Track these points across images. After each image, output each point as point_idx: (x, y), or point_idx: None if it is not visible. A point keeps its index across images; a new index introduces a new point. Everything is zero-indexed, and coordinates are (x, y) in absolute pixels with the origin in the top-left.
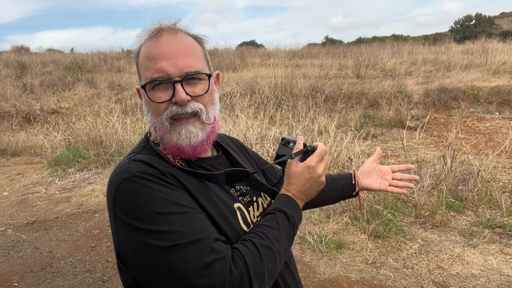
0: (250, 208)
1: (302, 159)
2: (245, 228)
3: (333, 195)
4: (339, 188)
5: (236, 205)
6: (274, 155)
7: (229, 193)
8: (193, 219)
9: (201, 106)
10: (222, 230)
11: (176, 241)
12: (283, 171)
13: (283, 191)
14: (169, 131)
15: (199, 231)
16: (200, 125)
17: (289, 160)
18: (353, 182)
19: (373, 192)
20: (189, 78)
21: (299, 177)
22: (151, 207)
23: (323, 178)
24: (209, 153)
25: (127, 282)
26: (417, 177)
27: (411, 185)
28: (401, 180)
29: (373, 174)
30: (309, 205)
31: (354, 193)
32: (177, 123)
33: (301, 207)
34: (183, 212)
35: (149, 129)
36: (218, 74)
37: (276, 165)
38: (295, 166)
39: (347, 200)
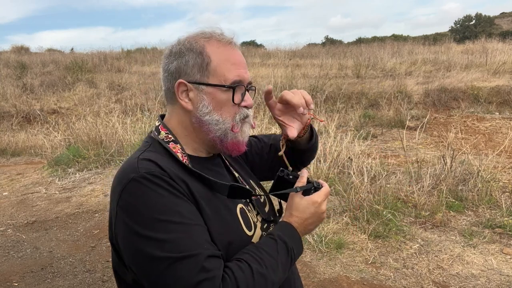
0: (249, 207)
1: (305, 194)
2: (247, 232)
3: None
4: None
5: (239, 206)
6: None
7: None
8: (190, 231)
9: (251, 113)
10: (224, 237)
11: (169, 253)
12: (280, 199)
13: (286, 219)
14: (240, 130)
15: (193, 246)
16: (249, 126)
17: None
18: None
19: (373, 192)
20: (249, 88)
21: (304, 211)
22: (152, 213)
23: (325, 215)
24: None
25: (123, 278)
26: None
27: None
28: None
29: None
30: (303, 161)
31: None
32: (241, 124)
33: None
34: (181, 222)
35: (156, 127)
36: None
37: (274, 195)
38: (300, 199)
39: (347, 200)
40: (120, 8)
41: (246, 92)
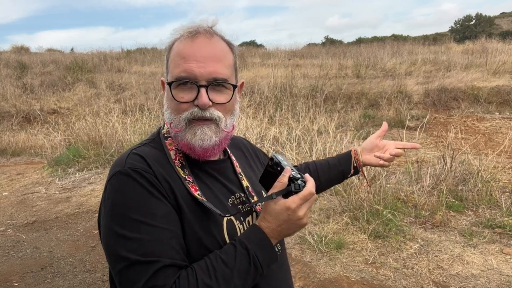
0: (249, 218)
1: (286, 196)
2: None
3: (334, 180)
4: (339, 173)
5: (225, 218)
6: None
7: (223, 203)
8: (158, 235)
9: (220, 114)
10: (202, 242)
11: (130, 254)
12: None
13: (257, 222)
14: (184, 130)
15: (155, 252)
16: (215, 129)
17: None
18: (352, 169)
19: (373, 192)
20: (215, 84)
21: (276, 217)
22: (125, 210)
23: (304, 221)
24: (216, 155)
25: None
26: (419, 146)
27: (417, 145)
28: (403, 148)
29: (375, 150)
30: None
31: (353, 174)
32: (194, 124)
33: (274, 244)
34: (151, 224)
35: (163, 123)
36: (242, 83)
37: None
38: (274, 203)
39: (347, 200)
40: (120, 8)
41: (201, 89)
